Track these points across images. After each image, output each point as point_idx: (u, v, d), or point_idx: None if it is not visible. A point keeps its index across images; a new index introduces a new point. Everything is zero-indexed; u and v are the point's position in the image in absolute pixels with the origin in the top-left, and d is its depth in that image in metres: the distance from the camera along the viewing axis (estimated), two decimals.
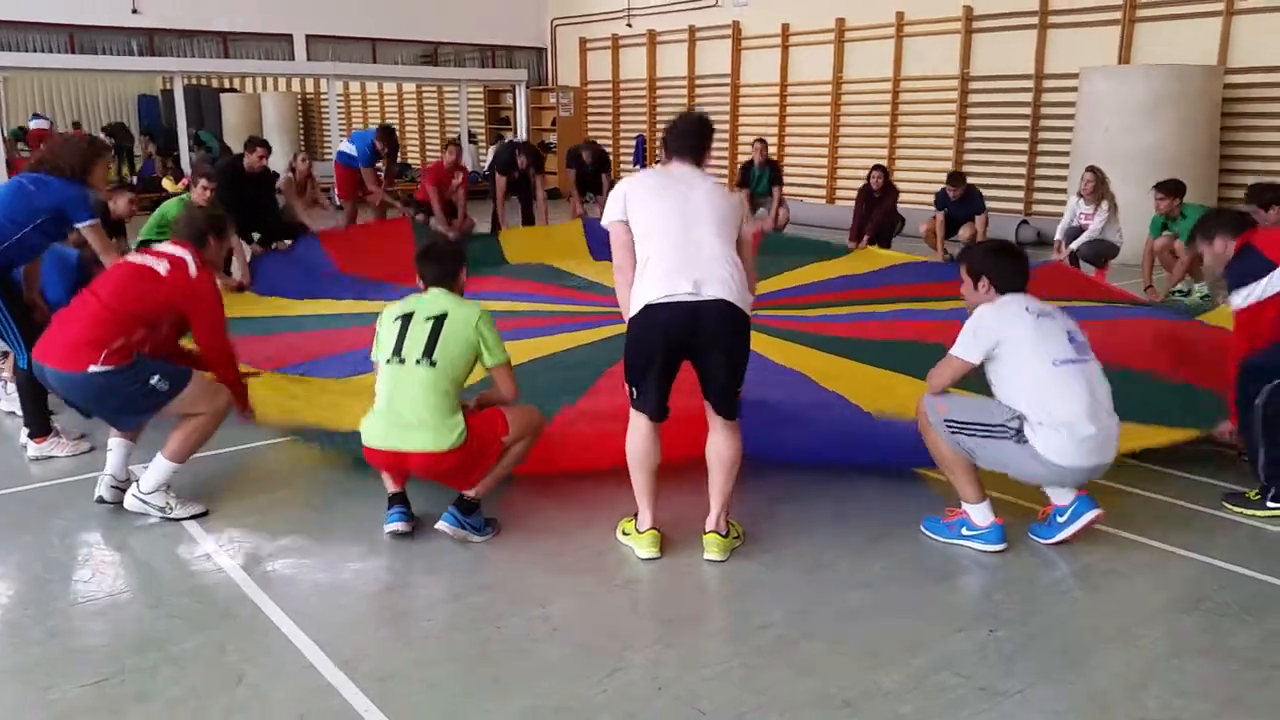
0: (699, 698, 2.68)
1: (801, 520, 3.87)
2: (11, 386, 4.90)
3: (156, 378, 3.75)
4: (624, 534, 3.65)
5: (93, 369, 3.65)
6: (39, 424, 4.49)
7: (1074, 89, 10.66)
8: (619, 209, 3.52)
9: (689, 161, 3.61)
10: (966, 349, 3.55)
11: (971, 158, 12.37)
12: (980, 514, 3.57)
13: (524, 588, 3.33)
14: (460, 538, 3.61)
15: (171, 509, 3.84)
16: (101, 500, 3.90)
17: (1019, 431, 3.46)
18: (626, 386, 3.52)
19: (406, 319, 3.59)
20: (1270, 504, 3.85)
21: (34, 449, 4.49)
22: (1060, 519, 3.57)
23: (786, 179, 11.40)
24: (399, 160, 14.69)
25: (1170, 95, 9.76)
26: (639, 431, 3.52)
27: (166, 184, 15.74)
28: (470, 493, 3.66)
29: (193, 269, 3.88)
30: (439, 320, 3.54)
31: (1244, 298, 4.01)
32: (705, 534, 3.53)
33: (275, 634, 3.01)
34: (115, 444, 3.98)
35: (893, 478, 4.26)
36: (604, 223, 3.60)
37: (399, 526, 3.66)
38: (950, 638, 2.99)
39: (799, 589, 3.31)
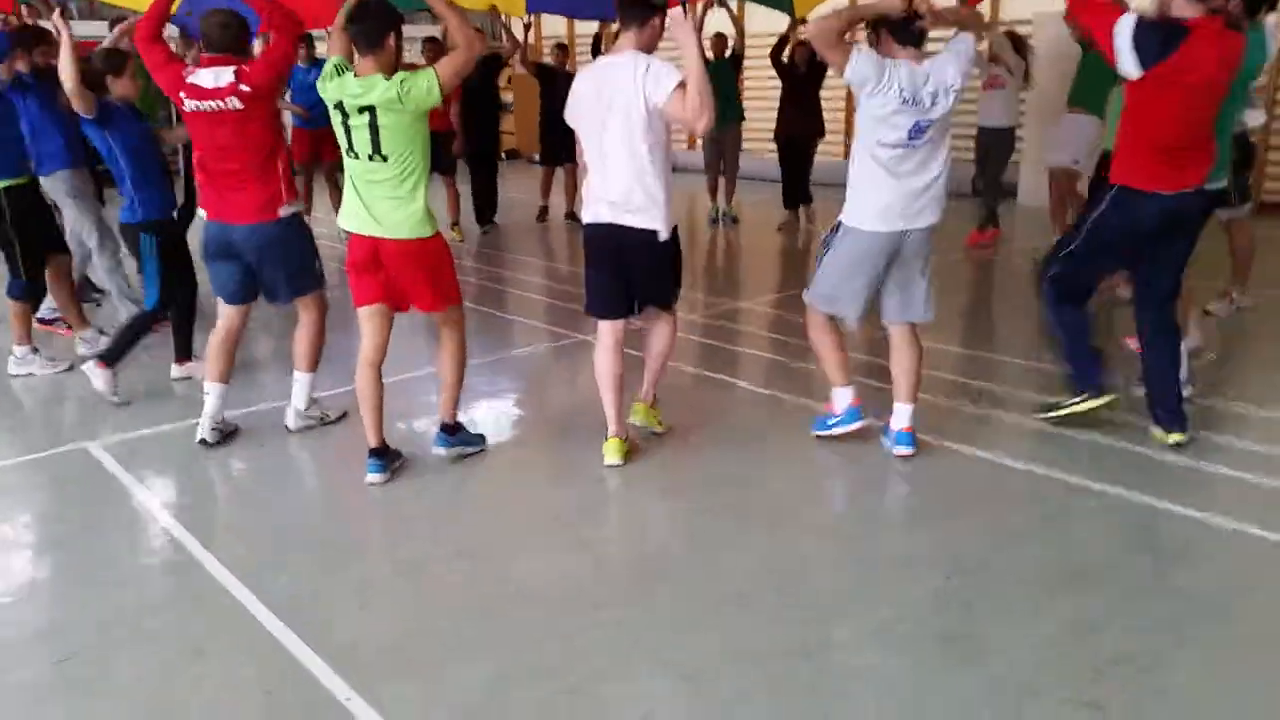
0: (663, 652, 2.71)
1: (756, 474, 3.92)
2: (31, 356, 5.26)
3: (316, 261, 4.30)
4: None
5: (283, 211, 4.05)
6: (187, 346, 5.05)
7: None
8: (569, 114, 3.83)
9: (630, 35, 3.67)
10: (857, 58, 3.59)
11: None
12: (841, 397, 4.05)
13: (487, 552, 3.34)
14: (456, 455, 4.02)
15: (329, 416, 4.45)
16: (204, 443, 4.20)
17: (837, 229, 3.88)
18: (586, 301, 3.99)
19: (343, 113, 3.57)
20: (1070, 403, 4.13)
21: (177, 370, 5.05)
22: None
23: None
24: None
25: None
26: (603, 348, 3.91)
27: None
28: (444, 418, 4.01)
29: (246, 74, 3.90)
30: (370, 111, 3.51)
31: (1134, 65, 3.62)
32: (636, 404, 4.17)
33: (239, 609, 2.99)
34: (212, 388, 4.25)
35: (850, 437, 4.30)
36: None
37: (377, 478, 3.80)
38: (908, 586, 3.04)
39: (758, 543, 3.35)
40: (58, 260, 5.37)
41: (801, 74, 8.80)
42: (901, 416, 3.98)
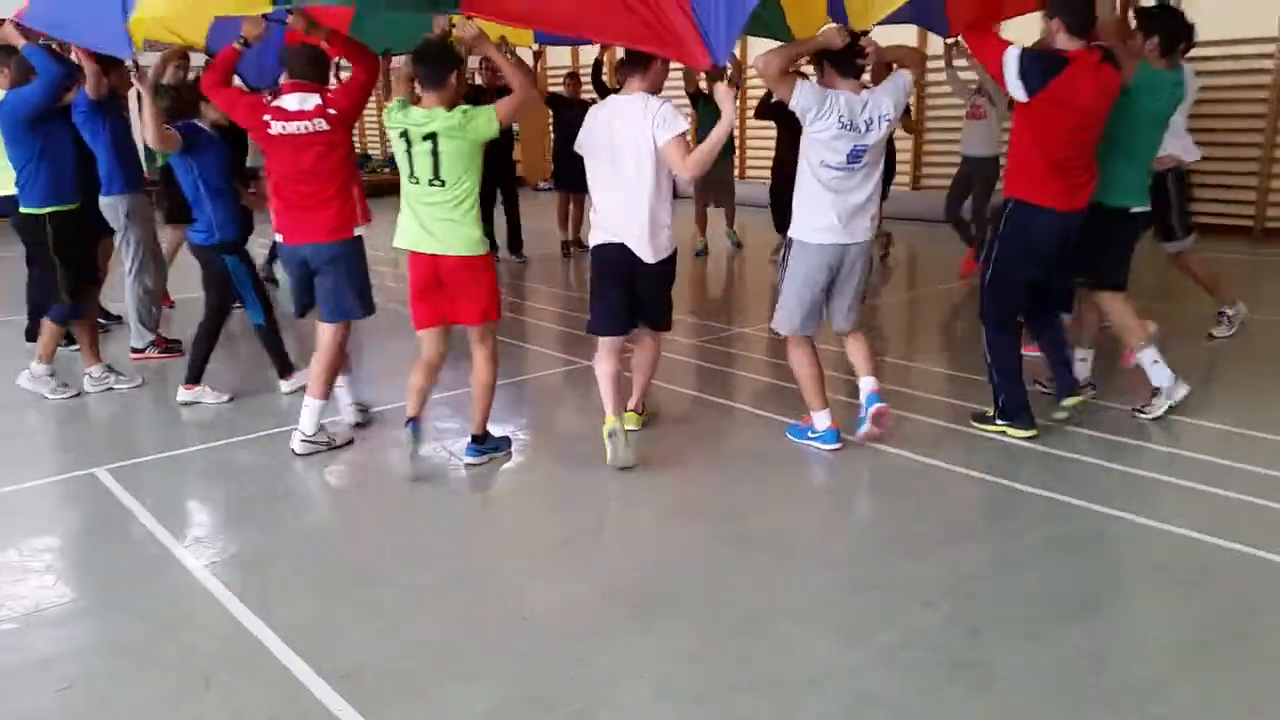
0: (670, 680, 2.70)
1: (764, 501, 3.91)
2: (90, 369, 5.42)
3: (369, 288, 4.56)
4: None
5: (358, 230, 4.38)
6: (285, 363, 5.29)
7: None
8: (581, 144, 4.16)
9: (635, 81, 4.02)
10: (801, 88, 3.94)
11: None
12: (820, 419, 4.35)
13: (495, 579, 3.33)
14: (485, 462, 4.28)
15: (335, 441, 4.50)
16: (297, 454, 4.41)
17: (788, 247, 4.24)
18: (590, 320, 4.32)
19: (407, 140, 3.92)
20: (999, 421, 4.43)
21: (285, 385, 5.26)
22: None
23: None
24: None
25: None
26: (604, 359, 4.25)
27: None
28: (475, 430, 4.29)
29: (331, 99, 4.23)
30: (433, 140, 3.86)
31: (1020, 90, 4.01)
32: (628, 412, 4.50)
33: (243, 634, 2.99)
34: (311, 402, 4.43)
35: (851, 455, 4.31)
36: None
37: (412, 445, 4.12)
38: (917, 613, 3.02)
39: (765, 570, 3.34)
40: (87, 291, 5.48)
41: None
42: (867, 386, 4.34)
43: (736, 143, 10.04)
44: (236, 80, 4.93)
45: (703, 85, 3.87)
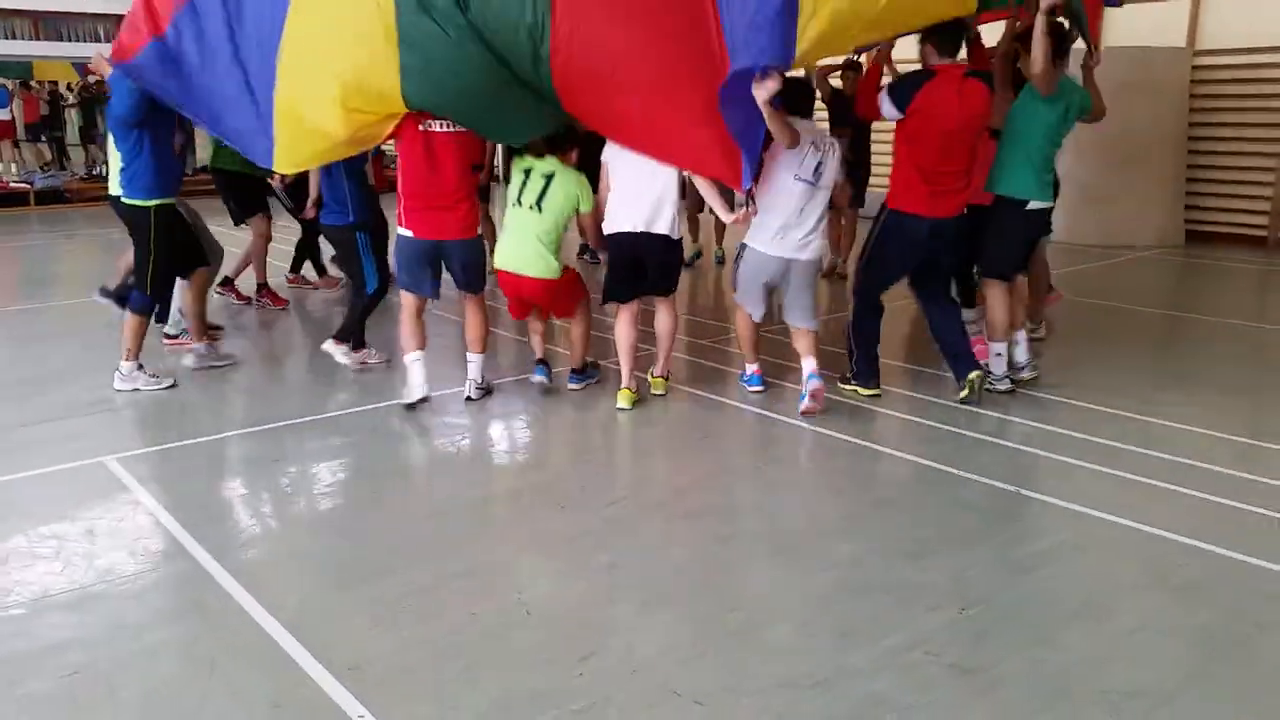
0: (673, 680, 2.70)
1: (770, 503, 3.92)
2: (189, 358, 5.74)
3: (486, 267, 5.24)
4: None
5: (479, 230, 5.00)
6: (361, 337, 5.66)
7: None
8: (611, 150, 4.83)
9: None
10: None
11: None
12: (750, 368, 5.26)
13: (499, 575, 3.34)
14: (585, 386, 5.25)
15: (493, 388, 5.24)
16: (415, 406, 4.87)
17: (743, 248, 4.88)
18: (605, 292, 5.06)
19: (528, 173, 4.86)
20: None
21: (335, 348, 5.54)
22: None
23: None
24: None
25: (1139, 78, 9.83)
26: (623, 321, 4.98)
27: None
28: (575, 364, 5.28)
29: None
30: (549, 178, 4.81)
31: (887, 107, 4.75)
32: (653, 378, 5.17)
33: (248, 623, 3.00)
34: (418, 355, 4.94)
35: (860, 459, 4.31)
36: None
37: (542, 379, 5.17)
38: (921, 617, 3.02)
39: (769, 571, 3.34)
40: (201, 272, 5.73)
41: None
42: (809, 366, 4.87)
43: None
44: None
45: (724, 218, 4.71)
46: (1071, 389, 5.22)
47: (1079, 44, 4.93)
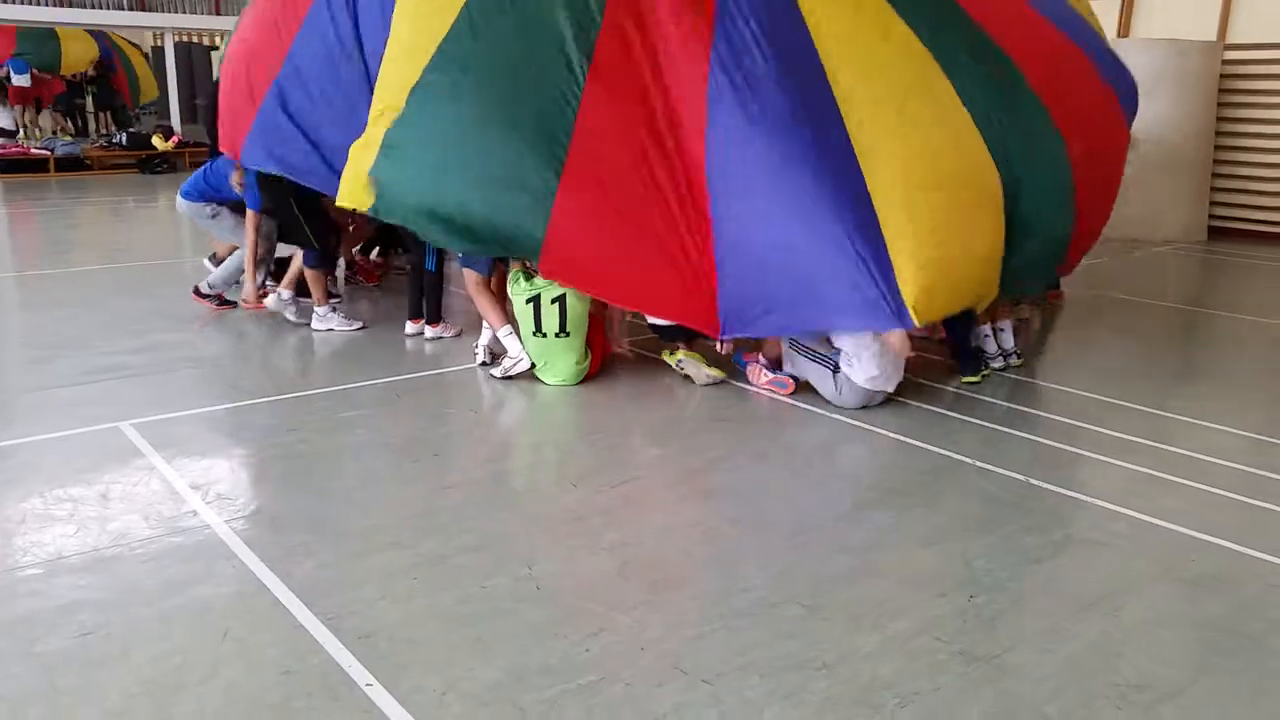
0: (681, 658, 2.71)
1: (783, 486, 3.91)
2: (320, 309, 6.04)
3: None
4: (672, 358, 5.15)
5: None
6: (436, 311, 5.83)
7: None
8: None
9: None
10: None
11: None
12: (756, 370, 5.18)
13: (510, 549, 3.34)
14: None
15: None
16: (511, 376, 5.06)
17: (837, 367, 4.71)
18: None
19: (536, 303, 4.83)
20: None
21: (430, 331, 5.82)
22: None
23: None
24: None
25: (1169, 71, 9.73)
26: None
27: (156, 141, 15.60)
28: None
29: None
30: (561, 301, 4.81)
31: None
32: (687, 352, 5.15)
33: (261, 591, 3.02)
34: (506, 329, 5.11)
35: (876, 446, 4.30)
36: None
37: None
38: (931, 603, 3.02)
39: (781, 554, 3.34)
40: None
41: None
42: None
43: None
44: None
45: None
46: (1088, 382, 5.20)
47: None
